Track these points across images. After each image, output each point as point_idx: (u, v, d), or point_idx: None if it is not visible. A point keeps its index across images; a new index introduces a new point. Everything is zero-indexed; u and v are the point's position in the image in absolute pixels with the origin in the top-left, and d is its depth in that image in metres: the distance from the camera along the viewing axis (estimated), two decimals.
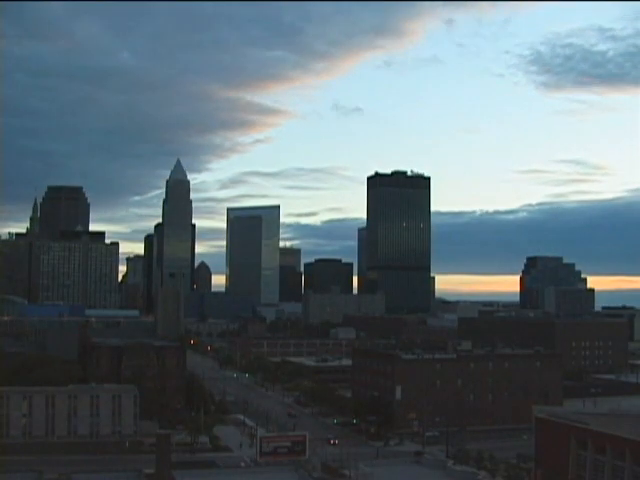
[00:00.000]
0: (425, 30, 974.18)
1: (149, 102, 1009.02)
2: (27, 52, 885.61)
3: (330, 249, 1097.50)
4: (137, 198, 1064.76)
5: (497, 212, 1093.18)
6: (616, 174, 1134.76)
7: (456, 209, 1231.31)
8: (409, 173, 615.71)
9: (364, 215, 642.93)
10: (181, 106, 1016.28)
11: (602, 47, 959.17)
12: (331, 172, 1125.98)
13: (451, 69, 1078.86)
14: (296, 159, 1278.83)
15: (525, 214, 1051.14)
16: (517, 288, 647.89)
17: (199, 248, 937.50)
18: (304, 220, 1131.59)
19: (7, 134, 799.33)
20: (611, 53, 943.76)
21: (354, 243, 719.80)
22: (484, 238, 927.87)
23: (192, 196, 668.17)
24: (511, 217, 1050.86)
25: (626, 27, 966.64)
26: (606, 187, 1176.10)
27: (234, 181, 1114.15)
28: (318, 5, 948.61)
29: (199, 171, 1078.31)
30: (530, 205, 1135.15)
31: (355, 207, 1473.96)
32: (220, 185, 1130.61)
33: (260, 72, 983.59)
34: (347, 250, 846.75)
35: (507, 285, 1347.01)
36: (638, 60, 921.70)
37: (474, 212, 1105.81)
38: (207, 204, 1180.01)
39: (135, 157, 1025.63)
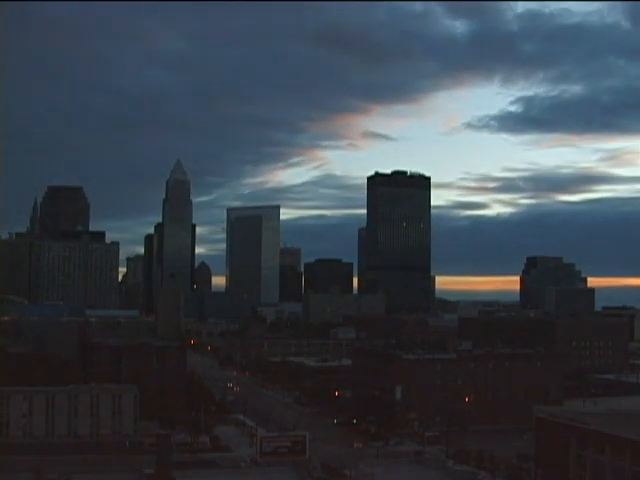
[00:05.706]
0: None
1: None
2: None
3: (330, 249, 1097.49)
4: (137, 198, 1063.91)
5: (496, 214, 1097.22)
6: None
7: (454, 210, 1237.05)
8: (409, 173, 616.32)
9: (364, 215, 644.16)
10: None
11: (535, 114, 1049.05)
12: (332, 172, 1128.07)
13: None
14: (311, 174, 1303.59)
15: (521, 215, 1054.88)
16: (517, 288, 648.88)
17: (199, 249, 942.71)
18: (304, 220, 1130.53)
19: (8, 135, 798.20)
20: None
21: (354, 243, 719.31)
22: (484, 238, 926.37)
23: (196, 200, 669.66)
24: (509, 218, 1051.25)
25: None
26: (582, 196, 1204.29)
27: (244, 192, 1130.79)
28: None
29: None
30: (520, 212, 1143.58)
31: (355, 207, 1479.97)
32: (233, 197, 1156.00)
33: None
34: (347, 250, 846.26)
35: (507, 285, 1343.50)
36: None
37: (472, 213, 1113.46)
38: (209, 211, 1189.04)
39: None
